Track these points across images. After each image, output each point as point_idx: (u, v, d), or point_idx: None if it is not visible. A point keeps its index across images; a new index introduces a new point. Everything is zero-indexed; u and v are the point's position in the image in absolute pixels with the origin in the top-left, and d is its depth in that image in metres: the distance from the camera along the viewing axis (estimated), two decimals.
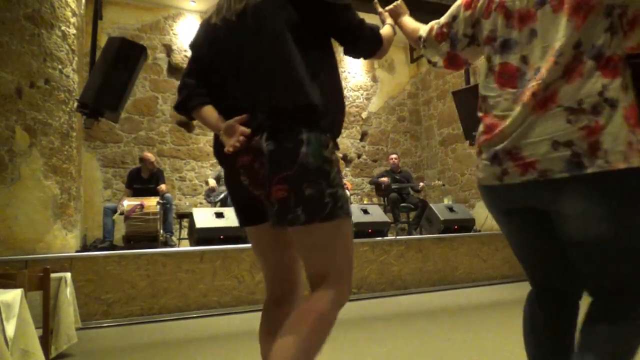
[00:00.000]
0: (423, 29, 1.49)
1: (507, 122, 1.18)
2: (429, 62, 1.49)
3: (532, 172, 1.14)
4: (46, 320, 2.62)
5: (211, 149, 7.11)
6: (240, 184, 1.36)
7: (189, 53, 7.07)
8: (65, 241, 4.41)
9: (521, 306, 1.40)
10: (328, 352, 2.91)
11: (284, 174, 1.25)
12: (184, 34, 7.72)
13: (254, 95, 1.33)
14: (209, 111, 1.42)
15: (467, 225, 6.35)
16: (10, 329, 1.56)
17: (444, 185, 8.13)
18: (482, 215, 7.20)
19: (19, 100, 4.05)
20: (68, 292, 2.97)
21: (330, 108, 1.34)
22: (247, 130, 1.29)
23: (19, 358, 1.60)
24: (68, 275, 3.05)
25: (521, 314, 1.40)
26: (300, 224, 1.27)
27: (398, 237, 5.69)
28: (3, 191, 3.91)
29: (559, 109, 1.10)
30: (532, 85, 1.13)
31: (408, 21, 1.61)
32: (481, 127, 1.28)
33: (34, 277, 2.58)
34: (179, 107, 1.49)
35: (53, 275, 2.77)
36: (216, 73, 1.43)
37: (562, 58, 1.10)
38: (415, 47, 1.59)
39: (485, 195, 1.33)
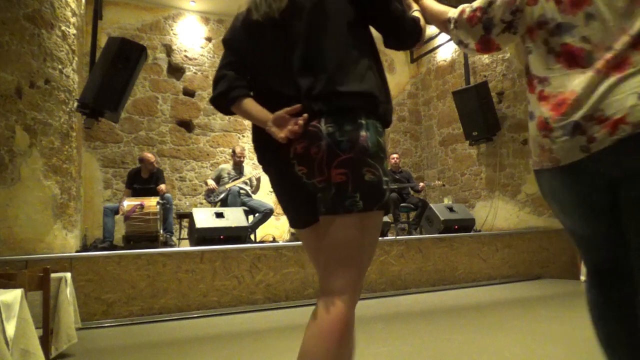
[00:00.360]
0: (452, 11, 1.51)
1: (579, 90, 1.18)
2: (460, 42, 1.50)
3: (623, 127, 1.11)
4: (46, 320, 2.62)
5: (211, 149, 7.11)
6: (295, 182, 1.33)
7: (189, 53, 7.07)
8: (66, 241, 4.42)
9: (521, 306, 1.40)
10: None
11: (344, 156, 1.23)
12: (184, 34, 7.72)
13: (310, 84, 1.30)
14: (252, 103, 1.40)
15: (467, 225, 6.36)
16: (10, 329, 1.56)
17: (444, 185, 8.13)
18: (482, 215, 7.21)
19: (19, 100, 4.05)
20: (68, 292, 2.97)
21: (382, 97, 1.36)
22: (306, 117, 1.25)
23: (19, 358, 1.60)
24: (68, 275, 3.04)
25: (521, 313, 1.40)
26: (358, 211, 1.24)
27: (398, 237, 5.69)
28: (3, 191, 3.91)
29: (635, 69, 1.13)
30: (604, 58, 1.17)
31: (431, 2, 1.63)
32: (546, 107, 1.26)
33: (34, 277, 2.58)
34: (217, 99, 1.45)
35: (53, 275, 2.77)
36: (259, 66, 1.43)
37: (635, 33, 1.15)
38: (439, 27, 1.60)
39: (563, 177, 1.26)
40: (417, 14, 1.55)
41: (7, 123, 3.96)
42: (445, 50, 8.55)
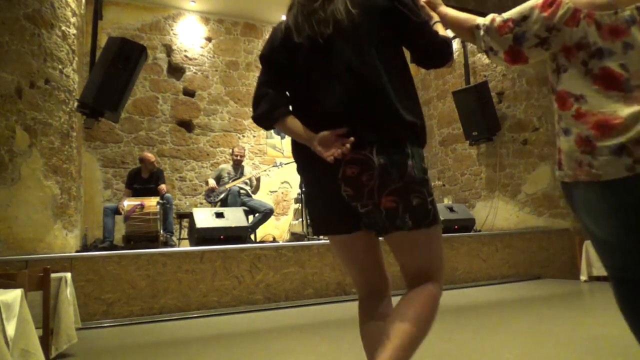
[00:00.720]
0: (480, 18, 1.55)
1: (625, 116, 1.28)
2: (490, 49, 1.53)
3: None
4: (46, 320, 2.62)
5: (211, 149, 7.13)
6: (336, 194, 1.41)
7: (189, 53, 7.07)
8: (66, 241, 4.42)
9: (521, 306, 1.42)
10: (328, 352, 2.92)
11: (394, 186, 1.36)
12: (184, 34, 7.72)
13: (354, 110, 1.39)
14: (294, 121, 1.47)
15: (467, 225, 6.35)
16: (10, 329, 1.56)
17: (444, 185, 8.12)
18: (482, 215, 7.21)
19: (19, 100, 4.05)
20: (68, 292, 2.96)
21: (422, 122, 1.47)
22: (352, 140, 1.34)
23: (19, 358, 1.60)
24: (68, 275, 3.04)
25: (521, 313, 1.41)
26: (407, 230, 1.39)
27: None
28: (3, 191, 3.91)
29: None
30: None
31: (453, 10, 1.66)
32: (587, 126, 1.34)
33: (34, 277, 2.58)
34: (261, 118, 1.51)
35: (53, 275, 2.78)
36: (299, 85, 1.49)
37: None
38: (462, 34, 1.63)
39: (603, 191, 1.34)
40: (438, 26, 1.59)
41: (7, 123, 3.96)
42: None
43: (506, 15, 1.48)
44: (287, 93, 1.54)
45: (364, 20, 1.40)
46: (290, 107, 1.53)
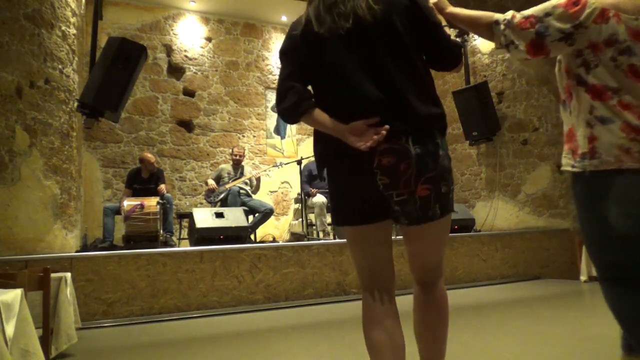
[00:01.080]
0: (498, 15, 1.60)
1: None
2: (510, 43, 1.56)
3: None
4: (46, 320, 2.62)
5: (211, 149, 7.11)
6: (368, 184, 1.43)
7: (189, 53, 7.06)
8: (66, 241, 4.42)
9: (521, 306, 1.42)
10: (328, 352, 2.92)
11: (429, 174, 1.42)
12: (184, 34, 7.72)
13: (384, 101, 1.43)
14: (322, 113, 1.49)
15: (467, 225, 6.35)
16: (10, 328, 1.56)
17: None
18: (482, 215, 7.21)
19: (19, 100, 4.05)
20: (68, 292, 2.97)
21: (445, 114, 1.54)
22: (387, 128, 1.38)
23: (19, 358, 1.60)
24: (68, 275, 3.05)
25: (521, 313, 1.42)
26: (437, 219, 1.46)
27: (398, 237, 5.68)
28: (3, 191, 3.91)
29: None
30: None
31: (464, 10, 1.69)
32: (633, 115, 1.44)
33: (34, 277, 2.58)
34: (288, 112, 1.51)
35: (53, 275, 2.78)
36: (326, 78, 1.50)
37: None
38: (479, 31, 1.66)
39: (632, 179, 1.43)
40: (447, 30, 1.63)
41: (7, 123, 3.96)
42: None
43: (526, 12, 1.54)
44: (309, 86, 1.56)
45: (386, 17, 1.44)
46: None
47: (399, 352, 1.48)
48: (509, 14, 1.58)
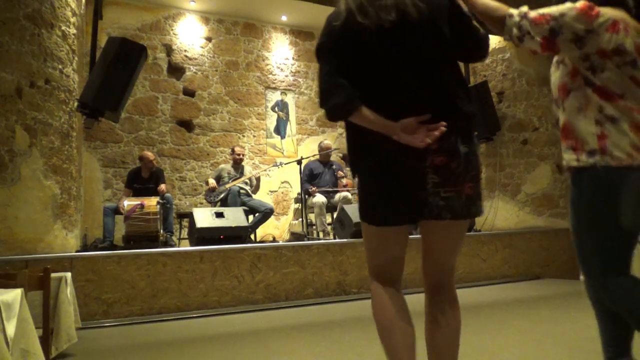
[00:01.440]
0: (512, 9, 1.66)
1: None
2: (526, 33, 1.62)
3: None
4: (46, 320, 2.62)
5: (211, 149, 7.10)
6: (416, 182, 1.42)
7: (189, 53, 7.03)
8: (66, 241, 4.41)
9: (521, 306, 1.43)
10: (328, 352, 2.92)
11: (474, 172, 1.46)
12: (184, 34, 7.72)
13: (432, 99, 1.43)
14: (369, 111, 1.44)
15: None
16: (10, 328, 1.56)
17: None
18: (482, 215, 7.20)
19: (19, 100, 4.05)
20: (68, 292, 2.96)
21: None
22: (444, 124, 1.35)
23: (19, 358, 1.60)
24: (68, 275, 3.04)
25: (521, 313, 1.43)
26: (478, 215, 1.51)
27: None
28: (3, 191, 3.91)
29: None
30: None
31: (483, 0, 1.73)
32: (637, 115, 1.56)
33: (34, 277, 2.58)
34: (337, 110, 1.46)
35: (53, 275, 2.77)
36: (372, 73, 1.46)
37: None
38: (492, 22, 1.69)
39: None
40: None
41: (7, 123, 3.96)
42: None
43: (543, 10, 1.61)
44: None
45: (430, 15, 1.42)
46: None
47: (409, 335, 1.49)
48: (523, 8, 1.64)
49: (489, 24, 1.70)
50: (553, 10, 1.60)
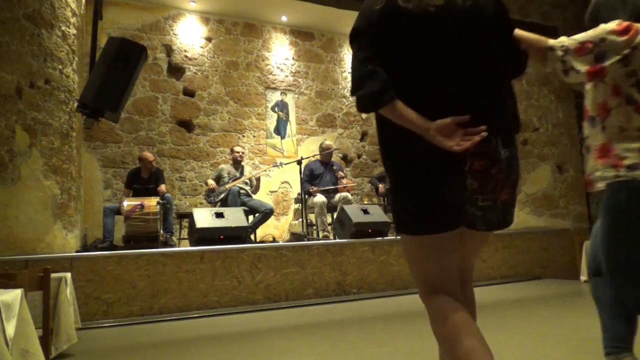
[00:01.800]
0: (552, 41, 1.68)
1: None
2: (570, 68, 1.64)
3: None
4: (46, 320, 2.62)
5: (211, 149, 7.09)
6: (454, 187, 1.29)
7: (189, 53, 7.04)
8: (66, 241, 4.41)
9: (521, 306, 1.42)
10: (328, 352, 2.92)
11: (514, 177, 1.36)
12: (184, 34, 7.72)
13: (475, 97, 1.30)
14: (404, 105, 1.29)
15: None
16: (10, 329, 1.56)
17: None
18: None
19: (19, 100, 4.05)
20: (68, 292, 2.96)
21: None
22: (485, 128, 1.24)
23: (19, 358, 1.60)
24: (68, 275, 3.04)
25: (521, 313, 1.42)
26: (511, 223, 1.42)
27: (398, 237, 5.69)
28: (3, 191, 3.91)
29: None
30: None
31: (522, 32, 1.73)
32: None
33: (34, 277, 2.58)
34: (369, 98, 1.30)
35: (53, 275, 2.77)
36: (410, 63, 1.31)
37: None
38: (534, 55, 1.69)
39: None
40: None
41: (7, 123, 3.96)
42: None
43: (579, 37, 1.64)
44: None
45: (479, 6, 1.33)
46: None
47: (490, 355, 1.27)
48: (564, 40, 1.66)
49: (532, 57, 1.68)
50: (591, 35, 1.62)
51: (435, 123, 1.25)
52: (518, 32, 1.63)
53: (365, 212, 5.68)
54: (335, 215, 6.04)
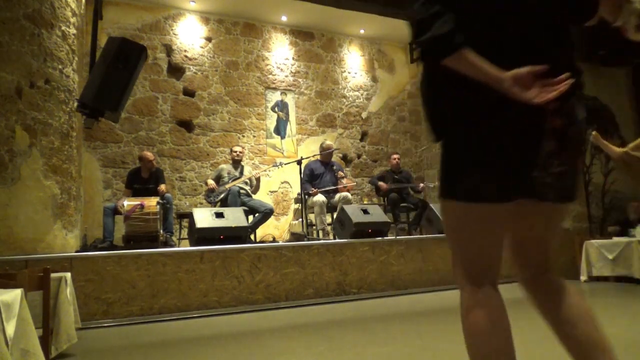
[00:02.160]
0: (628, 146, 1.71)
1: None
2: None
3: None
4: (46, 320, 2.61)
5: (211, 149, 7.09)
6: (527, 148, 1.14)
7: (189, 53, 7.05)
8: (65, 241, 4.41)
9: (521, 306, 1.41)
10: (328, 352, 2.92)
11: (582, 145, 1.24)
12: (184, 34, 7.72)
13: (553, 47, 1.17)
14: (474, 53, 1.13)
15: None
16: (10, 329, 1.56)
17: None
18: None
19: (19, 100, 4.05)
20: (68, 292, 2.96)
21: None
22: (568, 77, 1.08)
23: (19, 358, 1.60)
24: (68, 275, 3.04)
25: (521, 313, 1.41)
26: (575, 199, 1.25)
27: (398, 237, 5.69)
28: (3, 191, 3.91)
29: None
30: None
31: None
32: None
33: (34, 277, 2.58)
34: (440, 41, 1.14)
35: (53, 275, 2.77)
36: (480, 10, 1.18)
37: None
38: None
39: None
40: None
41: (7, 123, 3.96)
42: None
43: None
44: None
45: None
46: None
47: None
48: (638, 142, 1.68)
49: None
50: None
51: (510, 73, 1.10)
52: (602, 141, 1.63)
53: (365, 212, 5.68)
54: (335, 215, 6.05)
